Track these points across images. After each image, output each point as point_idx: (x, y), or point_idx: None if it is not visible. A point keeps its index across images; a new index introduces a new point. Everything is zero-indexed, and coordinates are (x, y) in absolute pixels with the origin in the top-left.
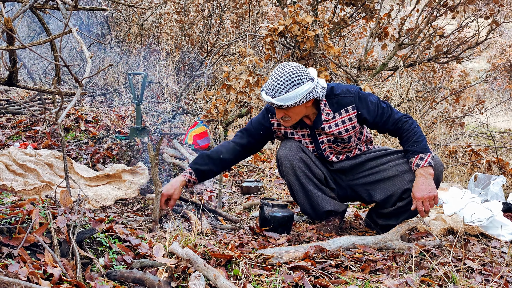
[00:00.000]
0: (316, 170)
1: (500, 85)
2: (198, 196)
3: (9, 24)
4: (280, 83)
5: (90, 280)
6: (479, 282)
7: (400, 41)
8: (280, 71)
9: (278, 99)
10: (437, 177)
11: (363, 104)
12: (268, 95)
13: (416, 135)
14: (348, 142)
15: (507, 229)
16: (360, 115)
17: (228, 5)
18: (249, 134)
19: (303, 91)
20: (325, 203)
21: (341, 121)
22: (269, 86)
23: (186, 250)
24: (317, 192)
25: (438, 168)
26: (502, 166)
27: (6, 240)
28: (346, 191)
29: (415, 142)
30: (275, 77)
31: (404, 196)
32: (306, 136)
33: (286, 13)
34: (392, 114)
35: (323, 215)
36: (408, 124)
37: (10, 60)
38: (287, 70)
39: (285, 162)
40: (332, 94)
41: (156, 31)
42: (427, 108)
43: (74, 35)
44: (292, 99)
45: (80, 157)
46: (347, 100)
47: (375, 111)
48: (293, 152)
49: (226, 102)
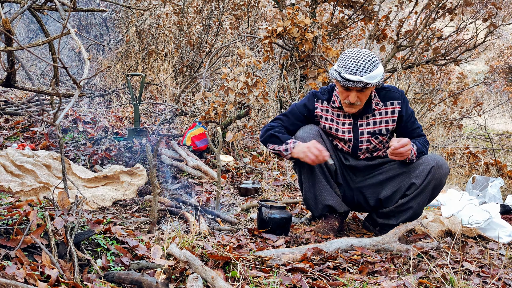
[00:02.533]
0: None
1: (498, 87)
2: (196, 198)
3: (7, 25)
4: (364, 63)
5: (88, 281)
6: (477, 284)
7: (398, 43)
8: (358, 53)
9: (367, 77)
10: (440, 180)
11: (406, 104)
12: (354, 75)
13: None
14: (386, 135)
15: (505, 231)
16: (400, 112)
17: (226, 7)
18: (293, 114)
19: (381, 70)
20: (328, 196)
21: (384, 112)
22: (353, 67)
23: (184, 252)
24: (323, 181)
25: (444, 170)
26: (500, 168)
27: (3, 241)
28: (353, 193)
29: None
30: (355, 58)
31: (408, 193)
32: (347, 125)
33: (284, 15)
34: (419, 128)
35: (323, 210)
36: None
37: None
38: (364, 52)
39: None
40: (381, 87)
41: (154, 32)
42: (425, 110)
43: (73, 36)
44: (377, 77)
45: (78, 158)
46: (394, 95)
47: (411, 116)
48: (311, 135)
49: (225, 104)
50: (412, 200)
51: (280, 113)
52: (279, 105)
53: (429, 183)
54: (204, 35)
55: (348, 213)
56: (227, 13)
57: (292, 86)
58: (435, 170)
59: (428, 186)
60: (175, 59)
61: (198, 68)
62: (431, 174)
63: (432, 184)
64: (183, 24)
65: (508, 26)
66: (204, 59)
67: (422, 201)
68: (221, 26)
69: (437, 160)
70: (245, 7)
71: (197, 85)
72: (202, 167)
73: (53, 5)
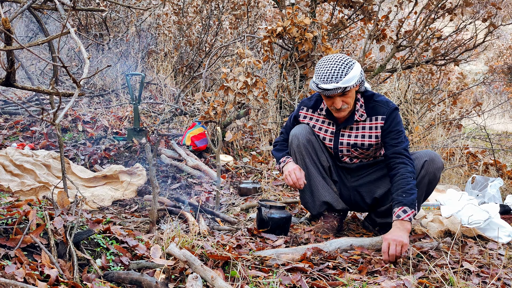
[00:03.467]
0: (322, 156)
1: (497, 88)
2: (196, 197)
3: (7, 25)
4: (337, 68)
5: (87, 281)
6: (476, 284)
7: (398, 43)
8: (330, 60)
9: (343, 81)
10: (434, 174)
11: (391, 120)
12: (330, 83)
13: (408, 186)
14: (367, 149)
15: (504, 231)
16: (382, 127)
17: (226, 7)
18: (287, 127)
19: (357, 71)
20: (325, 192)
21: (368, 127)
22: (327, 75)
23: (183, 252)
24: (319, 177)
25: (437, 164)
26: (500, 168)
27: (3, 241)
28: (349, 192)
29: (404, 193)
30: (328, 66)
31: None
32: (329, 133)
33: (284, 15)
34: (401, 146)
35: (320, 207)
36: (405, 169)
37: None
38: (336, 57)
39: (294, 140)
40: (372, 99)
41: (154, 32)
42: (425, 110)
43: (72, 36)
44: (354, 78)
45: (77, 158)
46: (381, 110)
47: (393, 132)
48: (304, 132)
49: (224, 104)
50: None
51: (279, 113)
52: (278, 105)
53: (423, 177)
54: (203, 35)
55: (347, 213)
56: (226, 13)
57: (292, 86)
58: (428, 165)
59: (422, 181)
60: (174, 59)
61: (197, 68)
62: (425, 168)
63: (427, 178)
64: (182, 24)
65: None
66: (204, 59)
67: (418, 196)
68: (221, 26)
69: (430, 154)
70: (245, 7)
71: (196, 85)
72: (201, 167)
73: (53, 5)
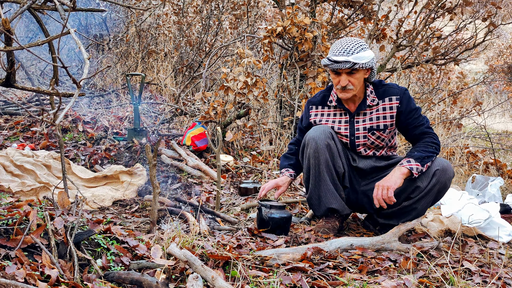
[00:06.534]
0: (339, 162)
1: (497, 87)
2: (196, 197)
3: (7, 25)
4: (352, 45)
5: (88, 281)
6: (477, 283)
7: (398, 42)
8: (346, 39)
9: (354, 57)
10: (445, 183)
11: (406, 99)
12: (341, 55)
13: (427, 148)
14: (383, 131)
15: (505, 230)
16: (399, 107)
17: (226, 7)
18: (299, 133)
19: (371, 54)
20: (333, 200)
21: (382, 108)
22: (341, 49)
23: (184, 252)
24: (330, 185)
25: (449, 174)
26: (500, 167)
27: (3, 241)
28: (357, 196)
29: (417, 151)
30: (343, 42)
31: (412, 196)
32: (344, 122)
33: (284, 15)
34: (424, 124)
35: (326, 212)
36: (431, 139)
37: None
38: (355, 38)
39: (311, 144)
40: (380, 84)
41: (154, 32)
42: (425, 109)
43: (72, 36)
44: (365, 59)
45: (78, 158)
46: (393, 91)
47: (412, 113)
48: (323, 136)
49: (224, 103)
50: (416, 203)
51: (279, 113)
52: (278, 105)
53: (434, 186)
54: (203, 35)
55: (349, 215)
56: (226, 13)
57: (292, 86)
58: (440, 174)
59: (432, 189)
60: (174, 59)
61: (197, 68)
62: (436, 177)
63: (437, 187)
64: (182, 24)
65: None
66: (204, 59)
67: (425, 203)
68: (221, 26)
69: (442, 163)
70: (245, 7)
71: (197, 85)
72: (202, 167)
73: (53, 5)
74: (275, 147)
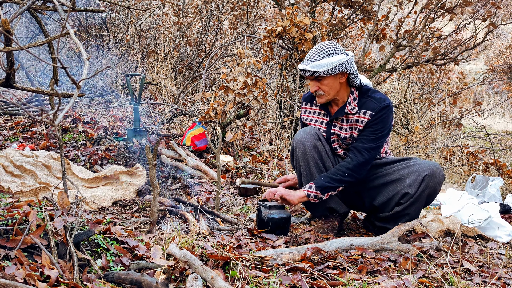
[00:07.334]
0: (328, 162)
1: (497, 87)
2: (196, 198)
3: (7, 26)
4: (315, 53)
5: (88, 282)
6: (476, 283)
7: (397, 42)
8: (319, 45)
9: (312, 65)
10: (435, 188)
11: (379, 117)
12: (302, 64)
13: (335, 176)
14: (343, 142)
15: (505, 230)
16: (367, 123)
17: (226, 7)
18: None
19: (334, 60)
20: (329, 198)
21: (355, 120)
22: (306, 57)
23: (183, 252)
24: None
25: (438, 178)
26: (500, 167)
27: (3, 241)
28: (351, 196)
29: (325, 178)
30: (312, 50)
31: (402, 201)
32: (324, 124)
33: (284, 15)
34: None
35: (323, 211)
36: (350, 163)
37: (8, 62)
38: (324, 44)
39: (299, 146)
40: (367, 94)
41: (154, 33)
42: (425, 109)
43: (72, 37)
44: (324, 66)
45: (78, 159)
46: (372, 105)
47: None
48: (310, 138)
49: (224, 104)
50: (408, 208)
51: (279, 113)
52: (278, 105)
53: (423, 191)
54: (203, 35)
55: (348, 213)
56: (226, 13)
57: (292, 86)
58: (428, 179)
59: (422, 194)
60: (174, 59)
61: (197, 68)
62: (425, 183)
63: (426, 192)
64: (182, 24)
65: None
66: (204, 59)
67: (417, 208)
68: (221, 26)
69: (431, 168)
70: (245, 7)
71: (196, 85)
72: (201, 167)
73: (52, 6)
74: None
